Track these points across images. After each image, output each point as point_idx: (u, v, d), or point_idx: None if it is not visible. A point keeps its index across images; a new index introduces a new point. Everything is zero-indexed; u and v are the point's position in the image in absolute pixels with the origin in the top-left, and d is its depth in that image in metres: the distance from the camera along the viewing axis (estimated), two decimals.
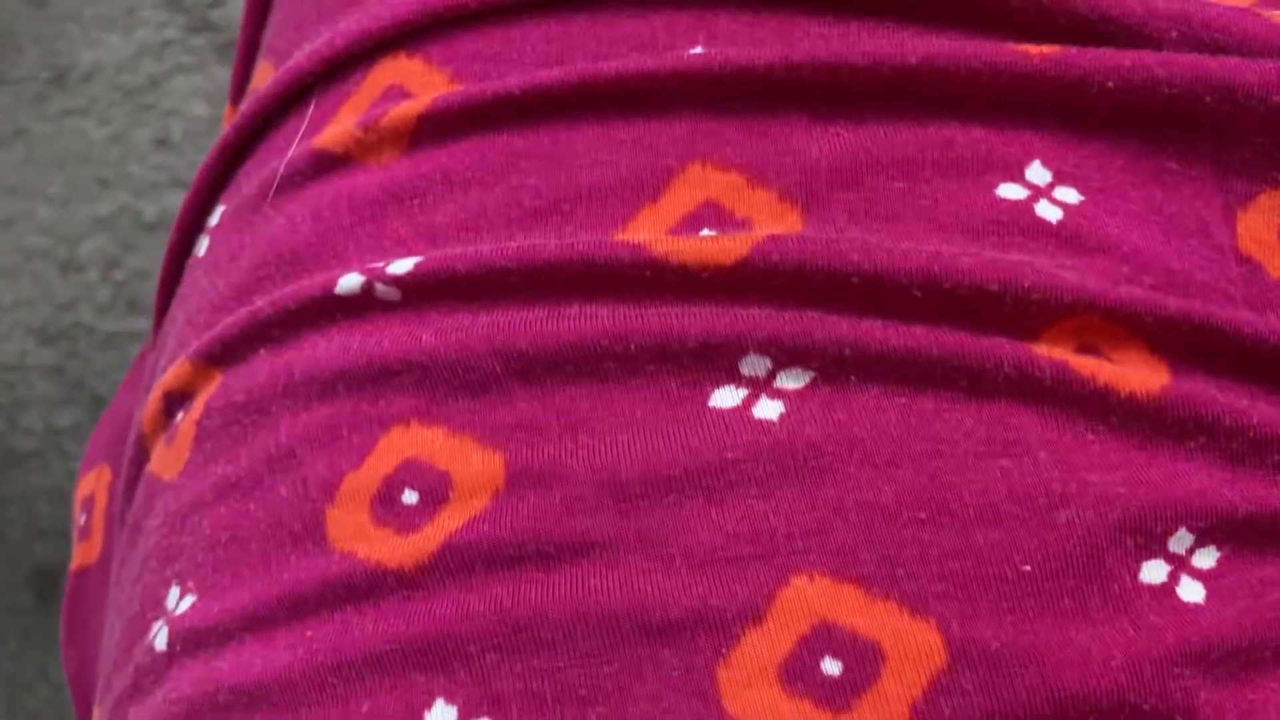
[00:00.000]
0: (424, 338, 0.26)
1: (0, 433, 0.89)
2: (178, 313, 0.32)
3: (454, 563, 0.25)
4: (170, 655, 0.27)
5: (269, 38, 0.35)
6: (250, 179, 0.31)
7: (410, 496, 0.25)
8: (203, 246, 0.32)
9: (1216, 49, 0.27)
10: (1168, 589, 0.24)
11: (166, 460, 0.30)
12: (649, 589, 0.24)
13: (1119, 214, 0.26)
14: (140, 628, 0.29)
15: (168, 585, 0.28)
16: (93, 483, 0.41)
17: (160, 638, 0.28)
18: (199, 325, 0.30)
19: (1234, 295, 0.26)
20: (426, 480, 0.25)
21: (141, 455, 0.32)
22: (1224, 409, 0.25)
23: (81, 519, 0.41)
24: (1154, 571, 0.24)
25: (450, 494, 0.25)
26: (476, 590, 0.24)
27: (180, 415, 0.30)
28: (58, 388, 0.91)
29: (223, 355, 0.29)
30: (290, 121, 0.31)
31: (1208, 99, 0.26)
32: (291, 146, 0.30)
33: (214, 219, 0.32)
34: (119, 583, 0.32)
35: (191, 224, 0.33)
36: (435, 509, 0.25)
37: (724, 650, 0.23)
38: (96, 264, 0.92)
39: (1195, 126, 0.27)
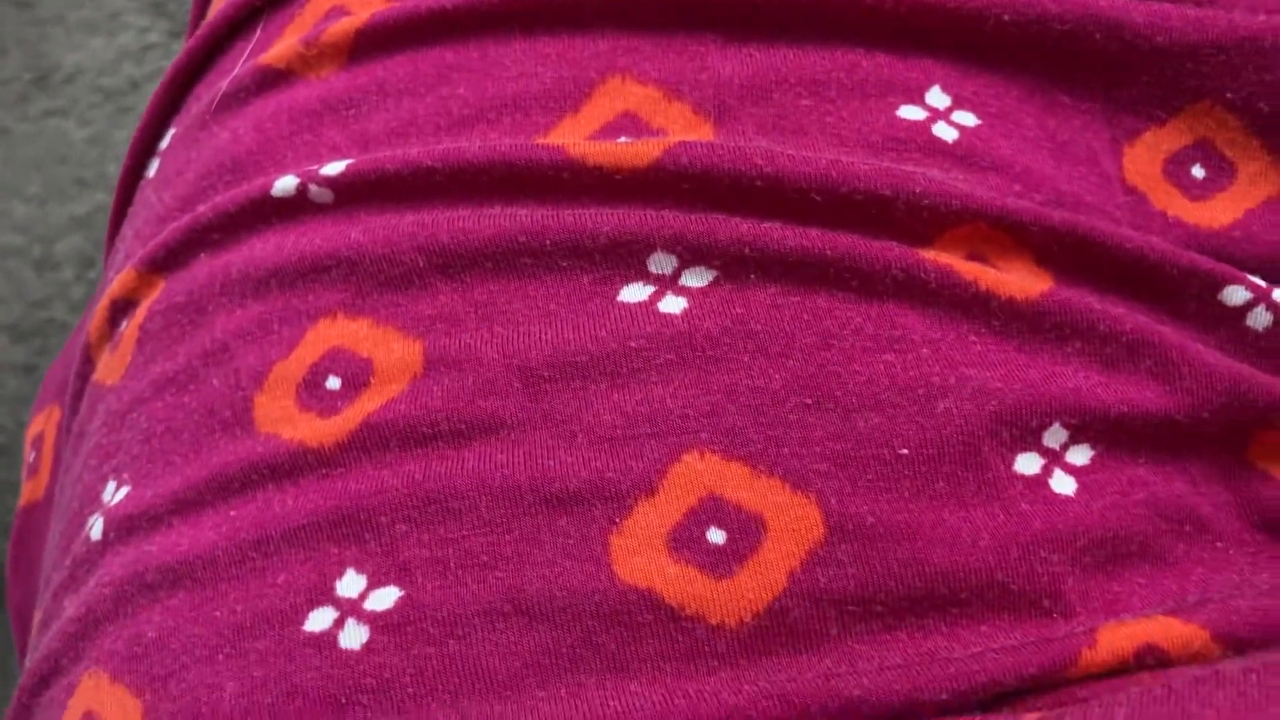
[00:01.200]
0: (353, 234, 0.27)
1: None
2: (127, 231, 0.34)
3: (370, 441, 0.26)
4: (105, 544, 0.28)
5: None
6: (199, 100, 0.33)
7: (334, 382, 0.27)
8: (153, 168, 0.34)
9: None
10: (1040, 480, 0.25)
11: (110, 366, 0.31)
12: (551, 463, 0.25)
13: (1013, 138, 0.28)
14: (78, 524, 0.30)
15: (105, 481, 0.29)
16: (43, 422, 0.42)
17: (96, 528, 0.29)
18: (145, 237, 0.32)
19: (1119, 219, 0.28)
20: (349, 367, 0.27)
21: (87, 366, 0.33)
22: (1100, 315, 0.26)
23: (31, 456, 0.42)
24: (1028, 463, 0.25)
25: (371, 379, 0.27)
26: (390, 466, 0.26)
27: (124, 323, 0.31)
28: (29, 385, 0.92)
29: (166, 261, 0.30)
30: (238, 44, 0.32)
31: (1097, 35, 0.28)
32: (237, 66, 0.31)
33: (164, 142, 0.34)
34: (62, 489, 0.33)
35: (144, 149, 0.35)
36: (356, 393, 0.27)
37: (617, 519, 0.25)
38: (72, 263, 0.93)
39: (1086, 62, 0.28)
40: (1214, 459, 0.27)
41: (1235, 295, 0.27)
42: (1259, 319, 0.27)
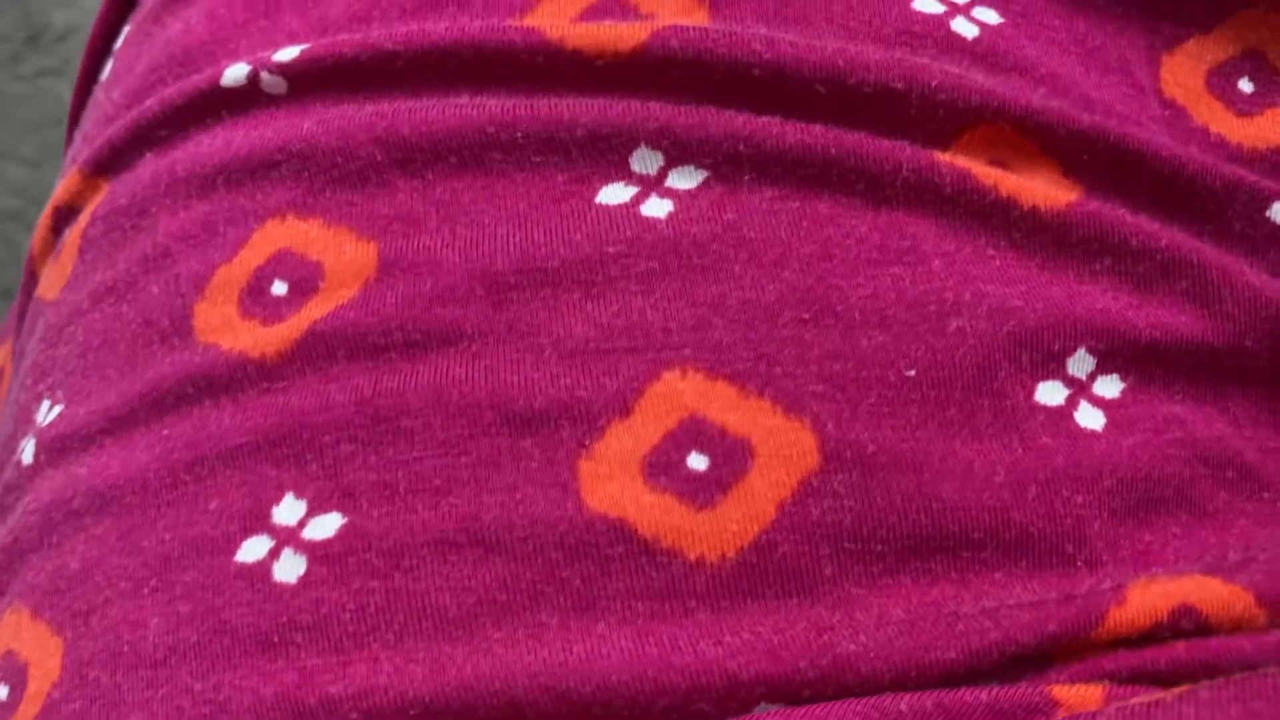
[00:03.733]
0: (306, 126, 0.25)
1: None
2: (77, 136, 0.31)
3: (315, 351, 0.23)
4: (35, 467, 0.26)
5: None
6: None
7: (280, 287, 0.24)
8: (107, 69, 0.31)
9: None
10: (1064, 413, 0.23)
11: (51, 279, 0.29)
12: (514, 379, 0.22)
13: (1039, 40, 0.25)
14: (11, 448, 0.28)
15: (39, 400, 0.27)
16: (3, 357, 0.39)
17: (27, 451, 0.26)
18: (91, 137, 0.29)
19: (1156, 131, 0.25)
20: (297, 271, 0.24)
21: (31, 281, 0.30)
22: (1132, 229, 0.24)
23: None
24: (1051, 393, 0.23)
25: (320, 284, 0.24)
26: (337, 379, 0.23)
27: (67, 232, 0.29)
28: None
29: (111, 162, 0.28)
30: None
31: None
32: None
33: (119, 41, 0.31)
34: (2, 417, 0.30)
35: (99, 50, 0.32)
36: (303, 299, 0.24)
37: (587, 442, 0.22)
38: None
39: None
40: (1261, 398, 0.24)
41: None
42: None
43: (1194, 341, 0.23)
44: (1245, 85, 0.26)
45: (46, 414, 0.26)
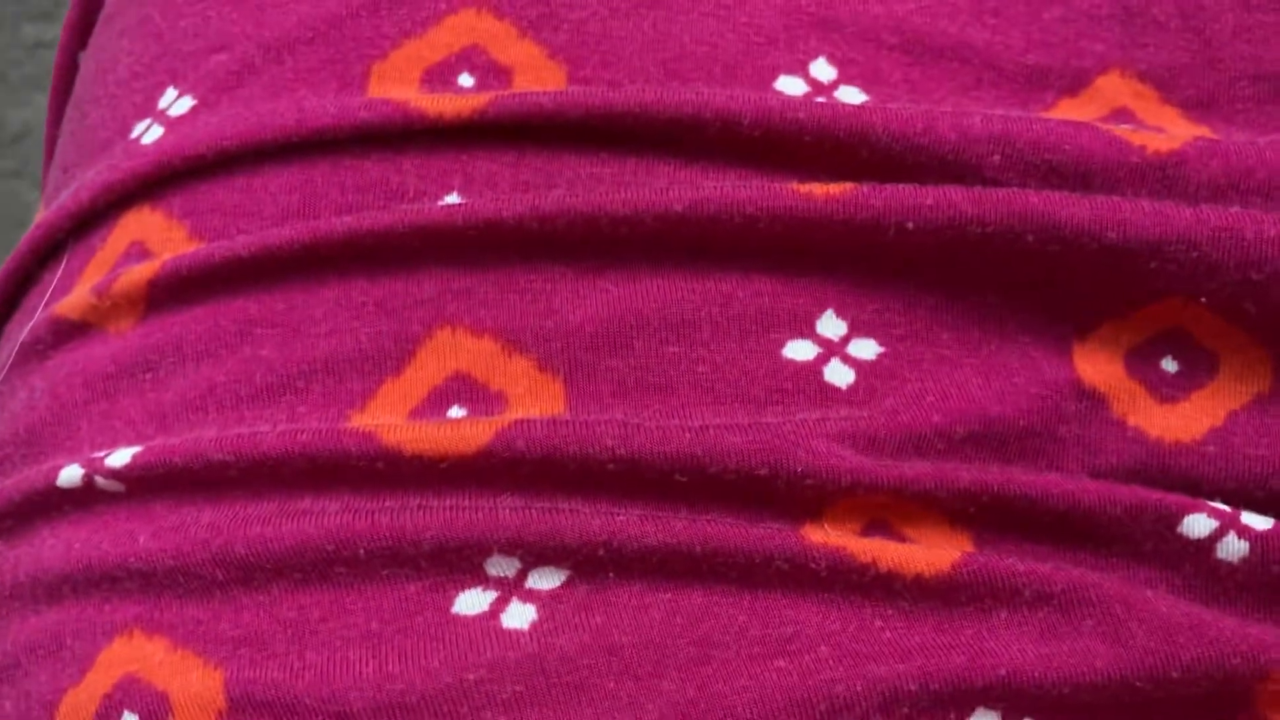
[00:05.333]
0: (142, 540, 0.23)
1: None
2: None
3: None
4: None
5: (47, 179, 0.32)
6: (10, 342, 0.29)
7: None
8: None
9: (1049, 171, 0.23)
10: None
11: None
12: None
13: (925, 361, 0.23)
14: None
15: None
16: None
17: None
18: None
19: (1065, 437, 0.23)
20: (145, 701, 0.23)
21: None
22: (1025, 577, 0.22)
23: None
24: None
25: (170, 718, 0.22)
26: None
27: None
28: None
29: None
30: (45, 277, 0.28)
31: (1030, 238, 0.23)
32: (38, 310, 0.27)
33: None
34: None
35: None
36: None
37: None
38: None
39: (1018, 265, 0.23)
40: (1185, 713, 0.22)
41: (1197, 525, 0.22)
42: (1231, 549, 0.22)
43: (1110, 678, 0.22)
44: (1169, 365, 0.24)
45: None
